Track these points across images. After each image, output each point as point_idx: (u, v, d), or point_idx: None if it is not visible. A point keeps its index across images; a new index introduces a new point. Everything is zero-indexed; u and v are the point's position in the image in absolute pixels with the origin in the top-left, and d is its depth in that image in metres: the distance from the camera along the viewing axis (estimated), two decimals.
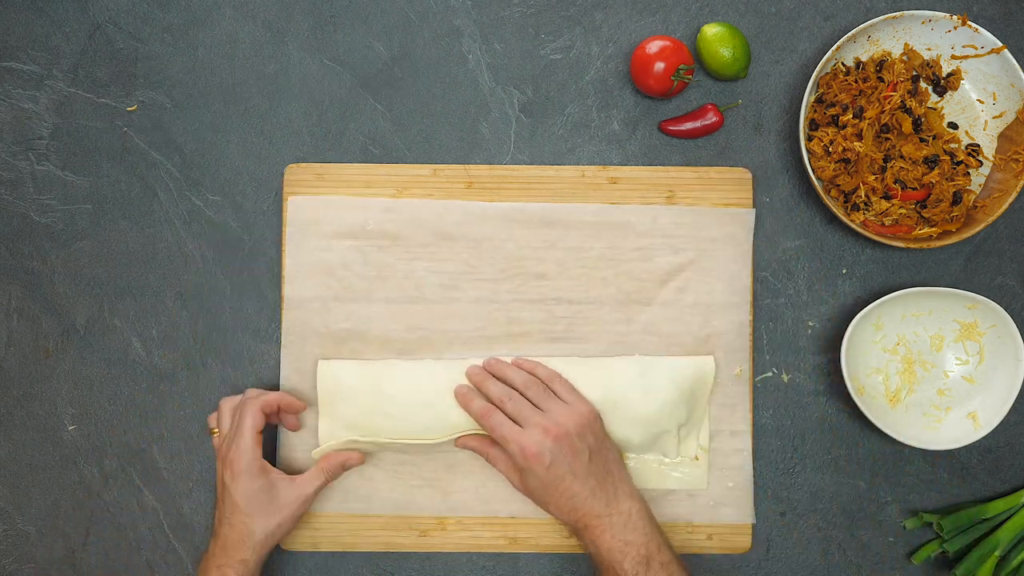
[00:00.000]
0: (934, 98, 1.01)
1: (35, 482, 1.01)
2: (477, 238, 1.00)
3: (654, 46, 0.97)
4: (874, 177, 0.97)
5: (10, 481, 1.01)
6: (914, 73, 1.00)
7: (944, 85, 1.00)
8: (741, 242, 1.00)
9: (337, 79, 1.02)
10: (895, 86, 0.98)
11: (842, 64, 0.99)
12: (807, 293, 1.01)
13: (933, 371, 1.00)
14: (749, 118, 1.02)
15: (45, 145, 1.02)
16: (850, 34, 0.96)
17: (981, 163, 0.99)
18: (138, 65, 1.03)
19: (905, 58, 0.99)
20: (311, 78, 1.02)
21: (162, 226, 1.02)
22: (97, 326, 1.01)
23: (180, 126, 1.02)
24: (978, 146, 0.99)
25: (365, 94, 1.02)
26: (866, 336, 0.99)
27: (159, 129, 1.02)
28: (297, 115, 1.02)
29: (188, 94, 1.02)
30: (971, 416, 0.98)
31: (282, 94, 1.02)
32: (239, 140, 1.02)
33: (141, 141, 1.02)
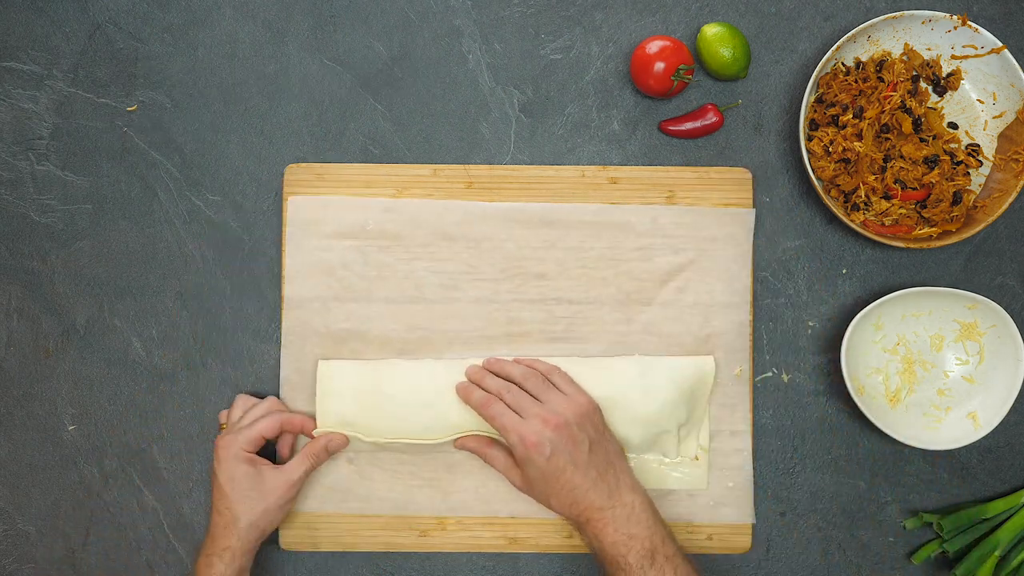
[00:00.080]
0: (934, 98, 1.01)
1: (35, 482, 1.01)
2: (477, 238, 1.00)
3: (654, 46, 0.97)
4: (874, 177, 0.97)
5: (10, 481, 1.01)
6: (914, 73, 1.00)
7: (944, 85, 1.00)
8: (741, 242, 1.00)
9: (337, 79, 1.02)
10: (895, 86, 0.97)
11: (842, 64, 0.99)
12: (807, 293, 1.01)
13: (933, 371, 1.00)
14: (749, 118, 1.02)
15: (45, 145, 1.02)
16: (850, 34, 0.96)
17: (981, 163, 0.99)
18: (138, 65, 1.03)
19: (905, 58, 0.99)
20: (311, 78, 1.02)
21: (162, 226, 1.02)
22: (97, 326, 1.01)
23: (180, 126, 1.02)
24: (978, 146, 0.99)
25: (365, 94, 1.02)
26: (866, 336, 0.99)
27: (159, 129, 1.02)
28: (297, 115, 1.02)
29: (188, 94, 1.02)
30: (971, 416, 0.97)
31: (282, 94, 1.02)
32: (239, 140, 1.02)
33: (141, 141, 1.02)
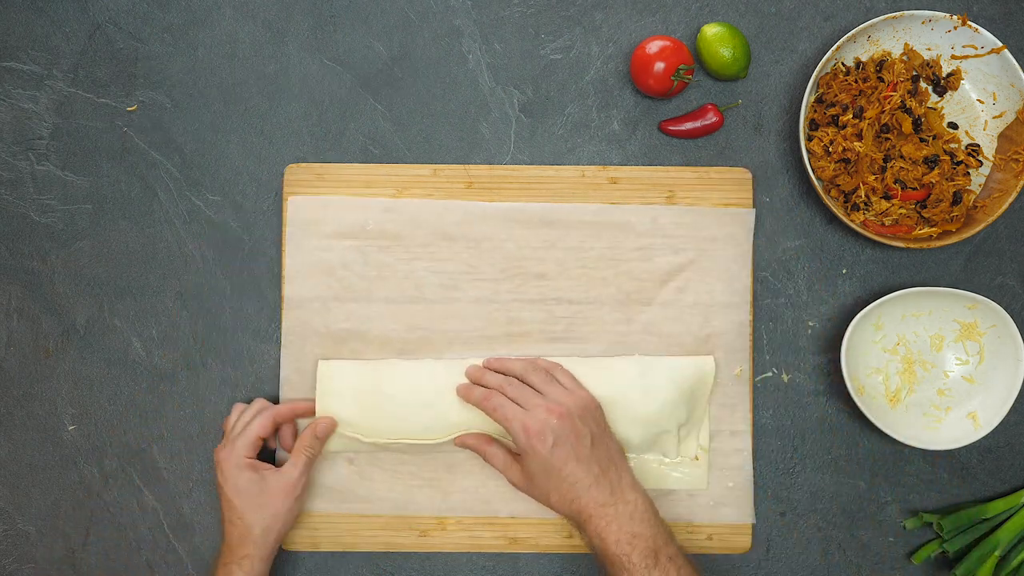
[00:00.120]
0: (934, 98, 1.01)
1: (35, 482, 1.01)
2: (477, 238, 1.00)
3: (654, 46, 0.97)
4: (874, 177, 0.97)
5: (10, 481, 1.01)
6: (914, 73, 1.00)
7: (944, 85, 1.00)
8: (741, 242, 1.00)
9: (337, 79, 1.02)
10: (895, 86, 0.97)
11: (842, 64, 0.99)
12: (807, 293, 1.01)
13: (933, 371, 1.00)
14: (749, 118, 1.02)
15: (45, 145, 1.02)
16: (850, 34, 0.96)
17: (981, 163, 0.99)
18: (138, 65, 1.02)
19: (905, 58, 0.99)
20: (311, 78, 1.02)
21: (162, 226, 1.02)
22: (97, 326, 1.01)
23: (180, 126, 1.02)
24: (978, 146, 0.99)
25: (365, 94, 1.02)
26: (866, 336, 0.99)
27: (159, 129, 1.02)
28: (297, 115, 1.02)
29: (188, 94, 1.02)
30: (971, 416, 0.97)
31: (282, 94, 1.02)
32: (239, 140, 1.02)
33: (141, 141, 1.02)
